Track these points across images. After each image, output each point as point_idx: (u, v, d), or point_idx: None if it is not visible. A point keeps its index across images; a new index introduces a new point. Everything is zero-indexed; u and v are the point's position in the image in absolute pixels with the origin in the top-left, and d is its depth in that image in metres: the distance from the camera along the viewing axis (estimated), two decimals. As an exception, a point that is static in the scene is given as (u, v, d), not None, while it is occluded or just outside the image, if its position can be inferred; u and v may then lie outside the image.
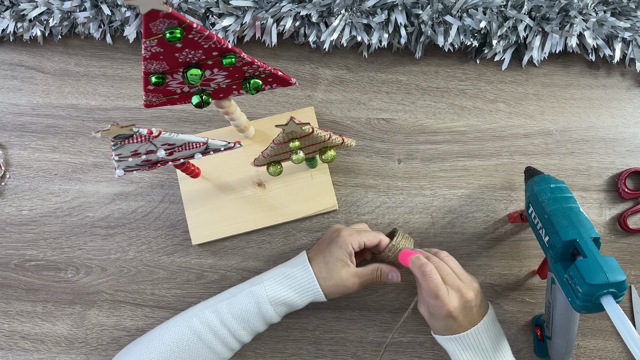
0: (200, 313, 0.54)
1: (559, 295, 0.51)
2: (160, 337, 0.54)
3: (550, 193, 0.51)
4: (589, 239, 0.46)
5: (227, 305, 0.54)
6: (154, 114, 0.69)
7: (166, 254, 0.65)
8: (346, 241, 0.55)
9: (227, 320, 0.54)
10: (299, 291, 0.55)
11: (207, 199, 0.65)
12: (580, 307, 0.44)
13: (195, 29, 0.40)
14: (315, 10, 0.64)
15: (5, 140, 0.68)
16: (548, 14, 0.65)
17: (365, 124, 0.68)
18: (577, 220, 0.48)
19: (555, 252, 0.48)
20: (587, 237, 0.46)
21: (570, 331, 0.53)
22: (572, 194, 0.52)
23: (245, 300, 0.55)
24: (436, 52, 0.69)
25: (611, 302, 0.43)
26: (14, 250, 0.66)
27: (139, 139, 0.46)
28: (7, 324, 0.65)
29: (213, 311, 0.54)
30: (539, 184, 0.53)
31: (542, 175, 0.55)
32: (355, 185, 0.67)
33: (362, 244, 0.55)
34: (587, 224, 0.48)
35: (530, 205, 0.54)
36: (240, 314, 0.54)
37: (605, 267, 0.43)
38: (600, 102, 0.68)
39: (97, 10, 0.67)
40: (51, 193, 0.67)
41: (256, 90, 0.50)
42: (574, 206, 0.50)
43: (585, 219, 0.49)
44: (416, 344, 0.63)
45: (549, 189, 0.52)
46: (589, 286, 0.43)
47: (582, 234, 0.46)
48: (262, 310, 0.54)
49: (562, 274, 0.47)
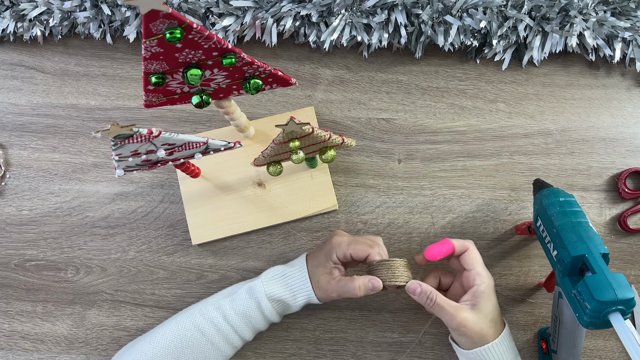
0: (204, 309, 0.55)
1: (566, 310, 0.51)
2: (163, 333, 0.54)
3: (559, 207, 0.51)
4: (598, 254, 0.46)
5: (230, 302, 0.55)
6: (154, 114, 0.69)
7: (166, 254, 0.65)
8: (332, 250, 0.54)
9: (230, 317, 0.54)
10: (293, 290, 0.55)
11: (207, 199, 0.65)
12: (588, 323, 0.44)
13: (195, 29, 0.40)
14: (315, 10, 0.64)
15: (5, 140, 0.68)
16: (548, 14, 0.65)
17: (365, 124, 0.68)
18: (586, 235, 0.47)
19: (564, 266, 0.47)
20: (597, 252, 0.46)
21: (577, 346, 0.53)
22: (582, 208, 0.51)
23: (245, 297, 0.55)
24: (436, 52, 0.69)
25: (619, 319, 0.42)
26: (14, 250, 0.66)
27: (139, 139, 0.46)
28: (7, 324, 0.65)
29: (216, 307, 0.55)
30: (548, 197, 0.52)
31: (551, 188, 0.54)
32: (355, 185, 0.67)
33: (347, 255, 0.53)
34: (597, 240, 0.47)
35: (538, 219, 0.53)
36: (242, 310, 0.54)
37: (614, 284, 0.43)
38: (600, 102, 0.68)
39: (97, 10, 0.67)
40: (51, 193, 0.67)
41: (256, 90, 0.50)
42: (583, 221, 0.49)
43: (595, 234, 0.48)
44: (416, 344, 0.63)
45: (558, 203, 0.51)
46: (598, 302, 0.42)
47: (591, 250, 0.46)
48: (261, 306, 0.55)
49: (570, 289, 0.47)
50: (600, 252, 0.46)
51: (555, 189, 0.54)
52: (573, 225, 0.49)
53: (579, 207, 0.51)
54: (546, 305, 0.64)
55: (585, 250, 0.46)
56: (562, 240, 0.48)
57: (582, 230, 0.48)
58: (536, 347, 0.63)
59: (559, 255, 0.48)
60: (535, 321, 0.64)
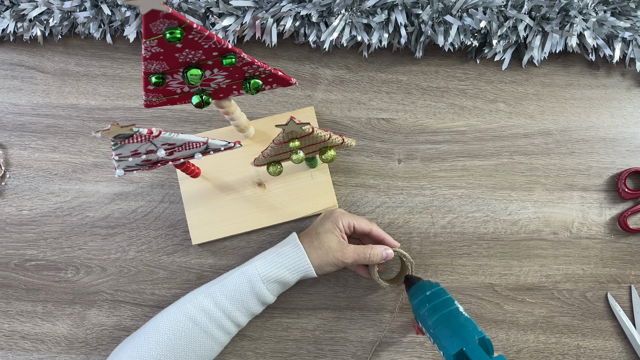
0: (194, 298, 0.54)
1: None
2: (156, 327, 0.53)
3: (428, 303, 0.52)
4: (474, 343, 0.45)
5: (220, 288, 0.54)
6: (154, 114, 0.69)
7: (166, 254, 0.65)
8: (337, 218, 0.57)
9: (221, 303, 0.54)
10: (289, 268, 0.55)
11: (207, 199, 0.65)
12: None
13: (195, 29, 0.40)
14: (315, 10, 0.64)
15: (5, 140, 0.68)
16: (548, 14, 0.65)
17: (365, 123, 0.68)
18: (458, 325, 0.48)
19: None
20: (473, 342, 0.46)
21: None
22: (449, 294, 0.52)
23: (237, 281, 0.55)
24: (436, 52, 0.69)
25: None
26: (14, 250, 0.66)
27: (139, 139, 0.46)
28: (7, 324, 0.65)
29: (207, 295, 0.54)
30: (416, 296, 0.54)
31: (417, 284, 0.55)
32: (355, 185, 0.67)
33: (351, 225, 0.57)
34: (469, 326, 0.47)
35: (417, 320, 0.54)
36: (233, 295, 0.54)
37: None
38: (600, 102, 0.68)
39: (97, 10, 0.67)
40: (51, 193, 0.67)
41: (256, 90, 0.50)
42: (453, 308, 0.50)
43: (467, 320, 0.48)
44: (416, 343, 0.64)
45: (425, 299, 0.52)
46: None
47: (467, 340, 0.46)
48: (255, 288, 0.54)
49: None
50: (476, 339, 0.46)
51: (421, 283, 0.55)
52: (445, 318, 0.49)
53: (446, 294, 0.52)
54: (546, 305, 0.64)
55: (461, 344, 0.46)
56: (440, 339, 0.48)
57: (454, 321, 0.48)
58: (536, 348, 0.63)
59: (444, 354, 0.48)
60: (535, 321, 0.64)
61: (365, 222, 0.58)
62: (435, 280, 0.64)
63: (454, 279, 0.64)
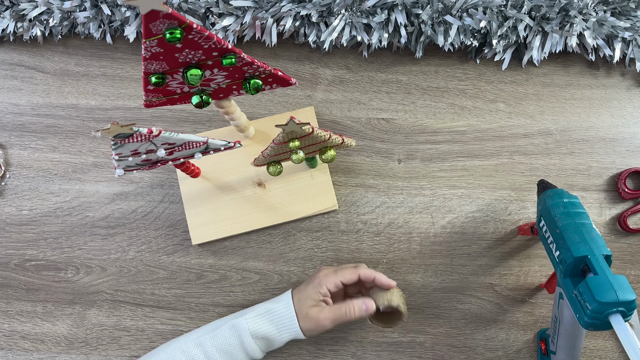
0: (184, 346, 0.54)
1: (566, 311, 0.51)
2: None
3: (563, 208, 0.51)
4: (600, 256, 0.46)
5: (211, 339, 0.54)
6: (154, 113, 0.69)
7: (166, 254, 0.65)
8: (321, 282, 0.55)
9: (211, 354, 0.54)
10: (279, 326, 0.55)
11: (207, 199, 0.65)
12: (588, 324, 0.44)
13: (195, 30, 0.40)
14: (315, 10, 0.64)
15: (5, 140, 0.68)
16: (548, 14, 0.65)
17: (365, 124, 0.68)
18: (589, 236, 0.48)
19: (566, 267, 0.48)
20: (599, 254, 0.46)
21: (576, 347, 0.53)
22: (585, 209, 0.51)
23: (227, 334, 0.54)
24: (436, 52, 0.69)
25: (619, 321, 0.42)
26: (14, 250, 0.66)
27: (139, 138, 0.46)
28: (7, 324, 0.65)
29: (197, 344, 0.54)
30: (551, 198, 0.53)
31: (555, 189, 0.54)
32: (355, 185, 0.67)
33: (338, 283, 0.55)
34: (600, 241, 0.47)
35: (542, 219, 0.53)
36: (223, 347, 0.54)
37: (615, 286, 0.43)
38: (600, 102, 0.68)
39: (97, 10, 0.67)
40: (51, 193, 0.67)
41: (256, 91, 0.50)
42: (587, 222, 0.49)
43: (598, 236, 0.48)
44: (416, 343, 0.64)
45: (561, 204, 0.51)
46: (599, 304, 0.43)
47: (593, 251, 0.46)
48: (244, 343, 0.54)
49: (572, 290, 0.47)
50: (602, 254, 0.46)
51: (560, 190, 0.54)
52: (576, 226, 0.49)
53: (582, 209, 0.51)
54: (546, 305, 0.64)
55: (587, 252, 0.46)
56: (565, 241, 0.48)
57: (585, 232, 0.48)
58: (535, 348, 0.63)
59: (561, 256, 0.48)
60: (535, 321, 0.64)
61: (351, 272, 0.55)
62: (435, 280, 0.64)
63: (454, 279, 0.64)
